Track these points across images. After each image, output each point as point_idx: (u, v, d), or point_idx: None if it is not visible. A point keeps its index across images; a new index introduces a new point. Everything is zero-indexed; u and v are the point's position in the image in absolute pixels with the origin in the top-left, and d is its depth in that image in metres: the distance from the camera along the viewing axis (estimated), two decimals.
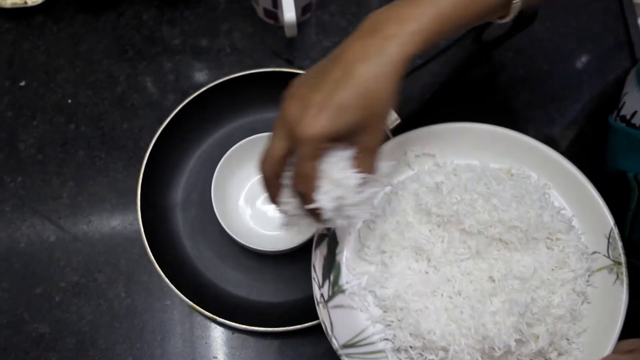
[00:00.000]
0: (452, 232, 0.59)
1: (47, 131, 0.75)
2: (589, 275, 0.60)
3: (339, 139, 0.48)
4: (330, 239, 0.61)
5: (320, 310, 0.58)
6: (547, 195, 0.62)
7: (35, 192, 0.73)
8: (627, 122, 0.66)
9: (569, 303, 0.58)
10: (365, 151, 0.50)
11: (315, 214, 0.51)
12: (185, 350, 0.68)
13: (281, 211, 0.54)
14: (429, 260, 0.60)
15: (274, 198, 0.53)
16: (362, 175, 0.50)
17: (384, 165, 0.53)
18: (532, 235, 0.58)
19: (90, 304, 0.69)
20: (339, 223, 0.52)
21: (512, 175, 0.63)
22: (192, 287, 0.67)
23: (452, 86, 0.75)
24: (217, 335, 0.69)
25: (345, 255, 0.62)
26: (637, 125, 0.64)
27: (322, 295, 0.59)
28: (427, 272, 0.59)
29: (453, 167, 0.63)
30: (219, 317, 0.64)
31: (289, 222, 0.55)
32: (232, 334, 0.68)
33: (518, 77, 0.79)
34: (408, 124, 0.69)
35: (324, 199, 0.50)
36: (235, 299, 0.69)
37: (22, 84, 0.77)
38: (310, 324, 0.64)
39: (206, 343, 0.68)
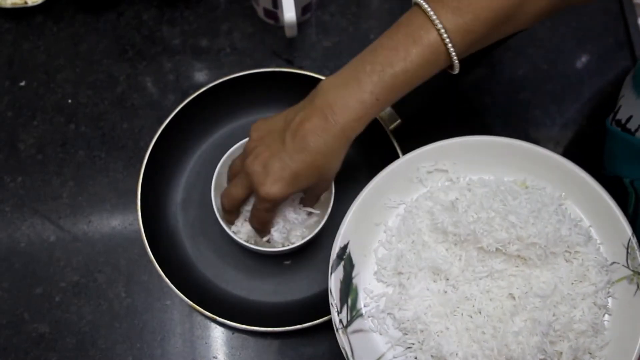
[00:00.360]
0: (469, 250, 0.59)
1: (47, 131, 0.76)
2: (609, 287, 0.59)
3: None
4: (346, 261, 0.60)
5: (340, 337, 0.57)
6: (563, 207, 0.61)
7: (35, 192, 0.73)
8: (622, 126, 0.65)
9: (591, 317, 0.57)
10: (312, 196, 0.64)
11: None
12: (185, 350, 0.68)
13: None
14: (447, 280, 0.59)
15: (230, 223, 0.67)
16: (308, 210, 0.66)
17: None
18: (551, 250, 0.58)
19: (90, 304, 0.69)
20: (286, 244, 0.67)
21: (526, 187, 0.62)
22: (192, 287, 0.67)
23: (453, 86, 0.75)
24: (217, 335, 0.69)
25: (362, 278, 0.61)
26: (632, 130, 0.63)
27: (340, 320, 0.58)
28: (445, 292, 0.59)
29: (467, 182, 0.63)
30: (219, 317, 0.64)
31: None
32: (232, 334, 0.68)
33: (518, 77, 0.79)
34: (408, 124, 0.70)
35: (276, 234, 0.65)
36: (235, 298, 0.69)
37: (22, 84, 0.77)
38: (310, 324, 0.64)
39: (206, 343, 0.68)
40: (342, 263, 0.60)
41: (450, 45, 0.53)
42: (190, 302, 0.64)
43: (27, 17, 0.80)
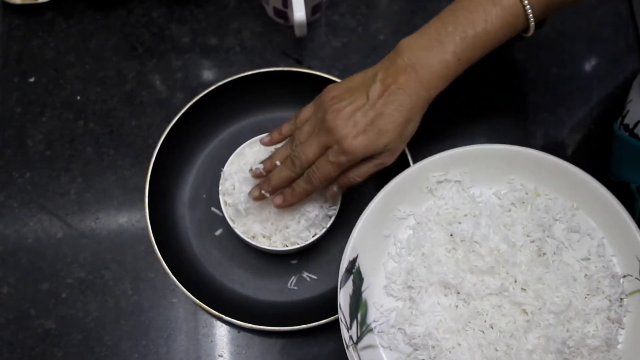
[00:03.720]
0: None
1: (55, 127, 0.76)
2: (621, 299, 0.58)
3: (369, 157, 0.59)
4: (355, 275, 0.59)
5: (351, 353, 0.56)
6: (576, 217, 0.60)
7: (43, 188, 0.73)
8: (630, 131, 0.64)
9: (604, 332, 0.56)
10: (376, 165, 0.60)
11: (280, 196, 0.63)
12: (191, 348, 0.68)
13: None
14: (458, 293, 0.58)
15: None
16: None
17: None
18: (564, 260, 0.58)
19: (96, 301, 0.69)
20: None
21: (539, 195, 0.62)
22: (198, 285, 0.67)
23: (461, 87, 0.75)
24: (223, 334, 0.68)
25: (372, 292, 0.60)
26: None
27: (350, 337, 0.57)
28: (457, 306, 0.58)
29: (478, 193, 0.62)
30: (225, 315, 0.64)
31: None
32: (238, 332, 0.68)
33: (527, 80, 0.79)
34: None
35: (291, 230, 0.65)
36: (241, 297, 0.69)
37: (32, 80, 0.78)
38: (316, 323, 0.63)
39: (212, 341, 0.68)
40: (352, 277, 0.58)
41: (528, 7, 0.55)
42: (197, 300, 0.64)
43: (37, 14, 0.80)
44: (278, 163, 0.63)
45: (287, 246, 0.66)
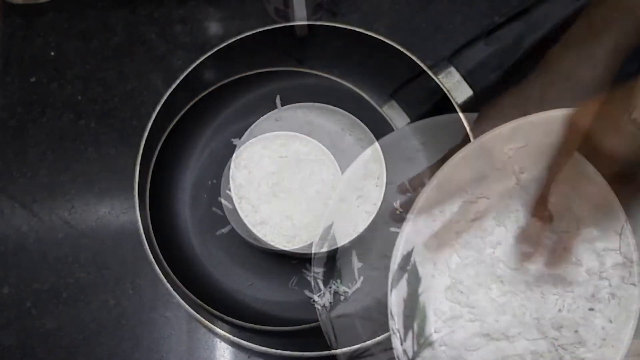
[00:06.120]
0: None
1: (56, 127, 0.76)
2: None
3: None
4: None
5: None
6: None
7: (44, 188, 0.73)
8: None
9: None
10: None
11: None
12: (192, 347, 0.68)
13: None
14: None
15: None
16: None
17: None
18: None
19: (97, 300, 0.69)
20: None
21: None
22: (199, 285, 0.67)
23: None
24: (223, 334, 0.68)
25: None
26: None
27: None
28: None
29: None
30: (226, 315, 0.64)
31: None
32: (239, 332, 0.68)
33: None
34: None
35: None
36: (242, 297, 0.69)
37: (33, 79, 0.78)
38: (317, 324, 0.63)
39: (213, 341, 0.68)
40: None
41: None
42: (197, 300, 0.64)
43: (38, 14, 0.80)
44: None
45: (287, 246, 0.66)
